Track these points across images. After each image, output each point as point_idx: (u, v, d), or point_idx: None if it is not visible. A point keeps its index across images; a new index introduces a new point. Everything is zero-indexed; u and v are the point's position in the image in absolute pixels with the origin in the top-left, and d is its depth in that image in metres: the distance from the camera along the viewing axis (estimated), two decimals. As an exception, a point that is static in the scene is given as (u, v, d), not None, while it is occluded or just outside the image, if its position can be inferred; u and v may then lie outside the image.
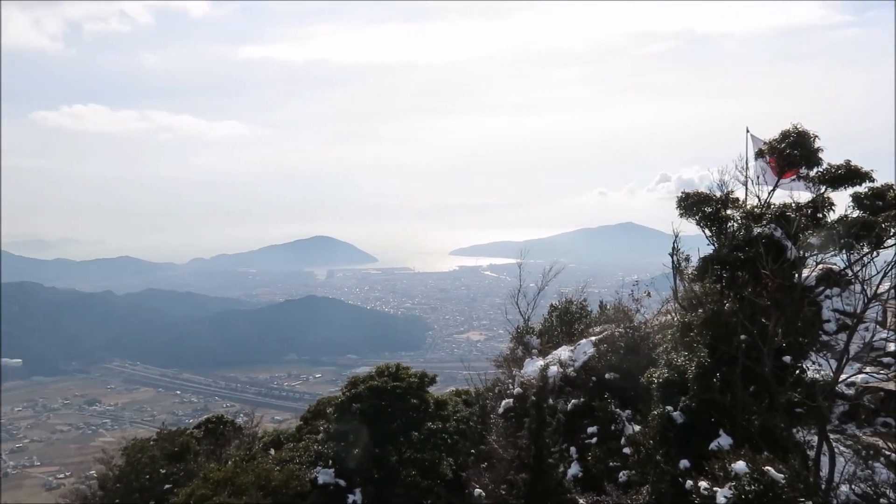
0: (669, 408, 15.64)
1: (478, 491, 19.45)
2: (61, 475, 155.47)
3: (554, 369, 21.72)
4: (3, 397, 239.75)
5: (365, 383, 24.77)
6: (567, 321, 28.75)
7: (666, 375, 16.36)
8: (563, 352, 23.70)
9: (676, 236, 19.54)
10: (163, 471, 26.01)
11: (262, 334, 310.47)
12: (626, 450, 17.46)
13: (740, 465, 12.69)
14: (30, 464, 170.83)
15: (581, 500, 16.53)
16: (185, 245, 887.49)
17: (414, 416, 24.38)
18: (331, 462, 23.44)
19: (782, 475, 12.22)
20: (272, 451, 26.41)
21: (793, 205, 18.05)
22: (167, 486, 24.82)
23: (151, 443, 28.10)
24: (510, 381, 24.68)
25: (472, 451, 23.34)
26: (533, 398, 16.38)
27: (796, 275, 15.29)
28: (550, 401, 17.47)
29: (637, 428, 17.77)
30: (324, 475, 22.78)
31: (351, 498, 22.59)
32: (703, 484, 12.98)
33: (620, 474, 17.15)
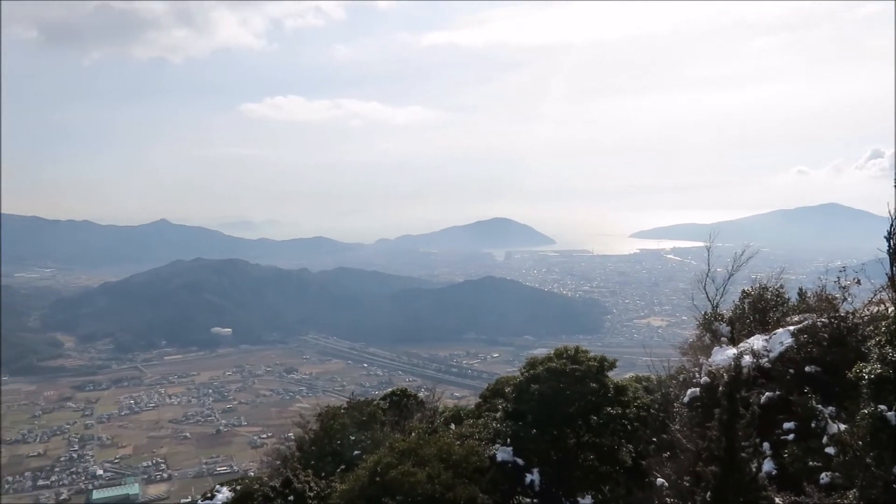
0: (883, 407, 14.08)
1: (660, 481, 18.75)
2: (264, 435, 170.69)
3: (747, 359, 20.38)
4: (218, 362, 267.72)
5: (543, 365, 24.70)
6: (761, 309, 26.80)
7: (879, 371, 14.75)
8: (757, 341, 22.13)
9: (895, 218, 17.48)
10: (352, 437, 27.67)
11: (442, 313, 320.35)
12: (830, 449, 16.00)
13: (972, 477, 11.18)
14: (238, 423, 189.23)
15: (777, 500, 15.41)
16: (372, 226, 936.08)
17: (593, 400, 23.98)
18: (509, 440, 23.66)
19: None
20: (452, 426, 27.19)
21: None
22: (356, 452, 26.37)
23: (342, 411, 29.94)
24: (696, 369, 23.50)
25: (654, 439, 22.53)
26: (723, 388, 15.45)
27: None
28: (743, 392, 16.40)
29: (842, 427, 16.23)
30: (502, 453, 23.06)
31: (529, 477, 22.70)
32: (923, 494, 11.60)
33: (822, 475, 15.76)
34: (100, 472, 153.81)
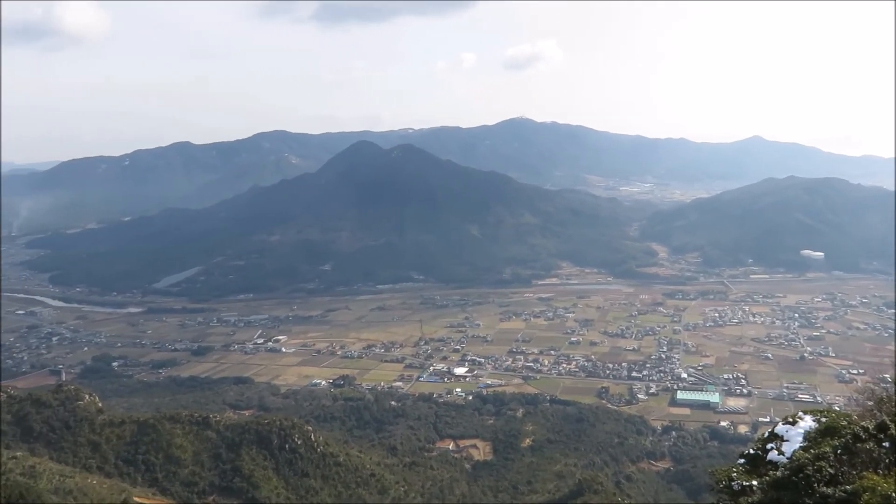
0: None
1: None
2: (854, 370, 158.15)
3: None
4: (806, 286, 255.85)
5: None
6: None
7: None
8: None
9: None
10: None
11: None
12: None
13: None
14: (825, 353, 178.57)
15: None
16: None
17: None
18: None
19: None
20: None
21: None
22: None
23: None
24: None
25: None
26: None
27: None
28: None
29: None
30: None
31: None
32: None
33: None
34: (683, 375, 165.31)
